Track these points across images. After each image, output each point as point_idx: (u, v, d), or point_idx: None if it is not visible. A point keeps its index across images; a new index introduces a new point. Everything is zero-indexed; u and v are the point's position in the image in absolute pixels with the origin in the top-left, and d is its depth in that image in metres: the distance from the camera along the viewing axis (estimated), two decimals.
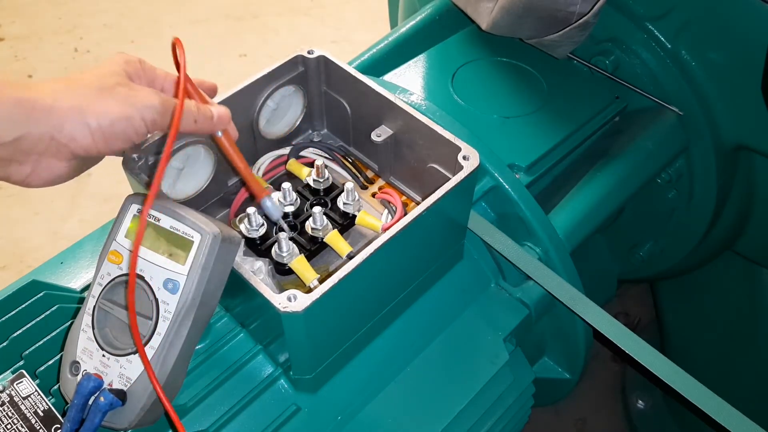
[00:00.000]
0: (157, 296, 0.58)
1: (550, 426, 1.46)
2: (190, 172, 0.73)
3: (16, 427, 0.57)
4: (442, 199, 0.64)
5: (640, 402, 1.45)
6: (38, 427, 0.57)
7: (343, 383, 0.71)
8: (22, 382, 0.59)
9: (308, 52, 0.77)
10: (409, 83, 0.96)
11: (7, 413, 0.58)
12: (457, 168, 0.67)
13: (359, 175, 0.81)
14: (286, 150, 0.81)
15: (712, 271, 1.22)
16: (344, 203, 0.74)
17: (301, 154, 0.81)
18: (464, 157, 0.68)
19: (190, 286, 0.57)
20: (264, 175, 0.79)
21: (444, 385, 0.74)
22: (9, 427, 0.57)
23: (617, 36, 1.00)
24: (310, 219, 0.72)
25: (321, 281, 0.59)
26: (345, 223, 0.74)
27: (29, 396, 0.59)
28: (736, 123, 0.97)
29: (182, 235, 0.58)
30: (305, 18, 2.53)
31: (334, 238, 0.72)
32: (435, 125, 0.71)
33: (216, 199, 0.79)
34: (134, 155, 0.66)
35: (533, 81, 1.00)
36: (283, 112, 0.81)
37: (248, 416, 0.67)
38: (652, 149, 0.98)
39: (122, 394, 0.57)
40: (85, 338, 0.59)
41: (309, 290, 0.58)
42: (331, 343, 0.67)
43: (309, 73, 0.79)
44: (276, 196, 0.75)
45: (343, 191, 0.75)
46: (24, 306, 0.68)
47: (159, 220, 0.59)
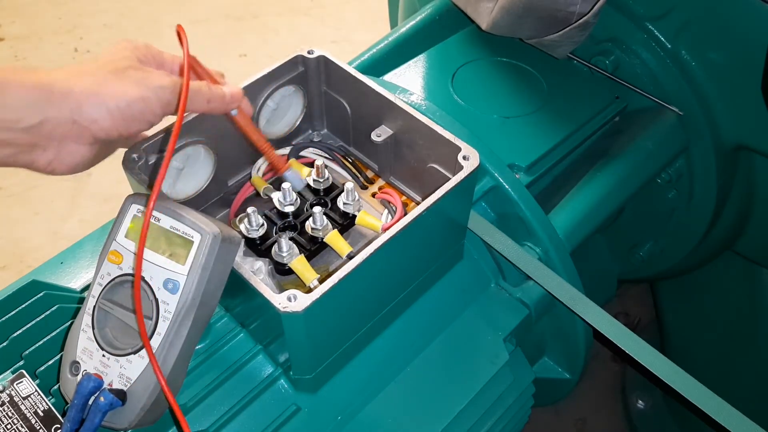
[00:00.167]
0: (157, 296, 0.57)
1: (550, 426, 1.46)
2: (190, 172, 0.73)
3: (16, 427, 0.57)
4: (442, 199, 0.64)
5: (640, 402, 1.45)
6: (38, 427, 0.57)
7: (343, 383, 0.71)
8: (22, 382, 0.59)
9: (308, 52, 0.77)
10: (409, 83, 0.96)
11: (7, 413, 0.58)
12: (457, 168, 0.68)
13: (359, 175, 0.81)
14: (286, 150, 0.81)
15: (712, 271, 1.22)
16: (344, 203, 0.74)
17: (301, 154, 0.81)
18: (464, 157, 0.68)
19: (190, 286, 0.57)
20: (264, 175, 0.79)
21: (444, 385, 0.74)
22: (9, 427, 0.57)
23: (617, 36, 1.00)
24: (310, 219, 0.72)
25: (321, 281, 0.59)
26: (345, 223, 0.74)
27: (29, 396, 0.59)
28: (736, 123, 0.97)
29: (182, 235, 0.58)
30: (305, 18, 2.53)
31: (334, 238, 0.72)
32: (435, 125, 0.71)
33: (216, 199, 0.79)
34: (134, 155, 0.66)
35: (533, 81, 1.00)
36: (283, 112, 0.81)
37: (248, 416, 0.67)
38: (652, 149, 0.98)
39: (122, 394, 0.57)
40: (85, 338, 0.59)
41: (309, 290, 0.58)
42: (331, 343, 0.67)
43: (309, 73, 0.79)
44: (276, 196, 0.75)
45: (343, 191, 0.75)
46: (24, 306, 0.68)
47: (159, 220, 0.59)
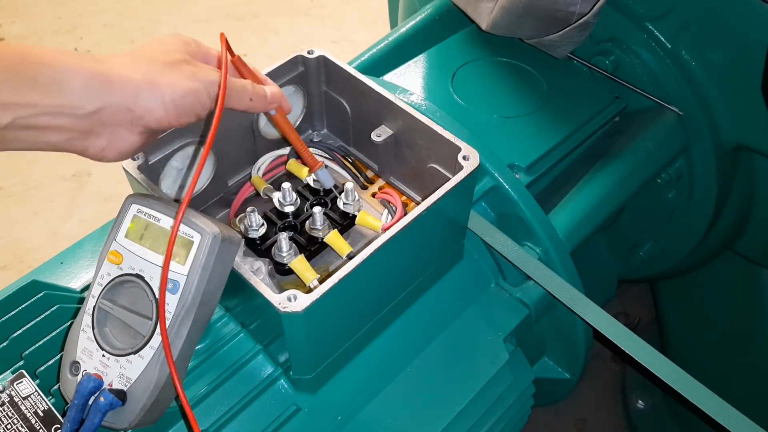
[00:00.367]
0: (157, 296, 0.57)
1: (550, 426, 1.46)
2: (190, 172, 0.73)
3: (16, 427, 0.57)
4: (442, 199, 0.64)
5: (640, 402, 1.45)
6: (38, 427, 0.57)
7: (343, 383, 0.71)
8: (22, 382, 0.59)
9: (308, 52, 0.78)
10: (409, 83, 0.96)
11: (7, 413, 0.58)
12: (457, 168, 0.68)
13: (359, 175, 0.81)
14: (286, 150, 0.81)
15: (712, 271, 1.22)
16: (344, 203, 0.74)
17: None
18: (464, 157, 0.68)
19: (190, 286, 0.57)
20: (264, 175, 0.79)
21: (444, 385, 0.74)
22: (9, 427, 0.57)
23: (617, 36, 1.00)
24: (310, 219, 0.72)
25: (321, 281, 0.59)
26: (345, 223, 0.74)
27: (29, 396, 0.59)
28: (736, 123, 0.97)
29: (182, 235, 0.58)
30: (305, 18, 2.53)
31: (334, 238, 0.72)
32: (435, 125, 0.71)
33: (216, 199, 0.79)
34: (134, 155, 0.66)
35: (533, 81, 1.00)
36: None
37: (248, 416, 0.67)
38: (652, 149, 0.98)
39: (122, 394, 0.57)
40: (85, 338, 0.59)
41: (309, 290, 0.58)
42: (331, 343, 0.67)
43: (309, 73, 0.79)
44: (276, 196, 0.75)
45: (343, 191, 0.75)
46: (24, 306, 0.68)
47: (159, 221, 0.59)
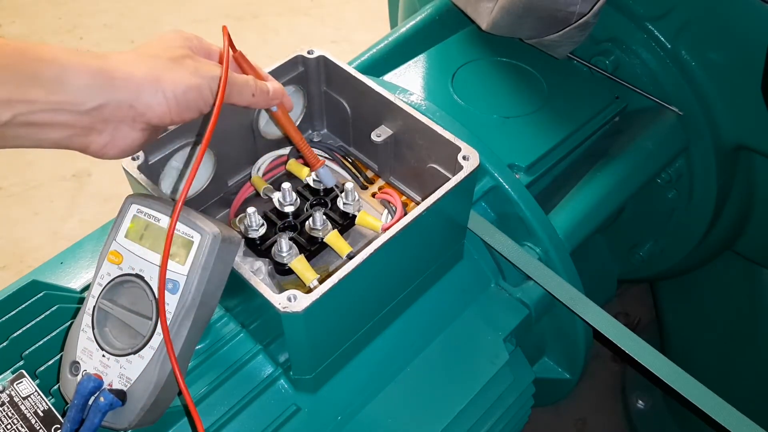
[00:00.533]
0: (157, 296, 0.57)
1: (550, 426, 1.46)
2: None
3: (16, 427, 0.57)
4: (442, 199, 0.64)
5: (640, 402, 1.45)
6: (38, 427, 0.57)
7: (343, 383, 0.71)
8: (22, 382, 0.59)
9: (308, 52, 0.77)
10: (409, 83, 0.96)
11: (7, 413, 0.58)
12: (457, 168, 0.68)
13: (359, 175, 0.81)
14: (286, 150, 0.81)
15: (712, 271, 1.22)
16: (344, 203, 0.74)
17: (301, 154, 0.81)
18: (464, 157, 0.68)
19: (190, 286, 0.57)
20: (264, 175, 0.79)
21: (444, 385, 0.74)
22: (9, 427, 0.57)
23: (617, 36, 1.00)
24: (310, 219, 0.72)
25: (321, 281, 0.59)
26: (345, 223, 0.74)
27: (29, 396, 0.59)
28: (736, 123, 0.97)
29: (182, 235, 0.58)
30: (305, 18, 2.53)
31: (334, 238, 0.72)
32: (435, 125, 0.71)
33: (216, 199, 0.79)
34: (134, 155, 0.66)
35: (533, 81, 1.00)
36: None
37: (248, 416, 0.67)
38: (652, 149, 0.98)
39: (122, 394, 0.57)
40: (85, 338, 0.59)
41: (309, 290, 0.58)
42: (331, 343, 0.67)
43: (309, 73, 0.79)
44: (276, 196, 0.75)
45: (343, 191, 0.75)
46: (24, 306, 0.68)
47: (159, 221, 0.59)
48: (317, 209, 0.73)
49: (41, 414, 0.58)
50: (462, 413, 0.73)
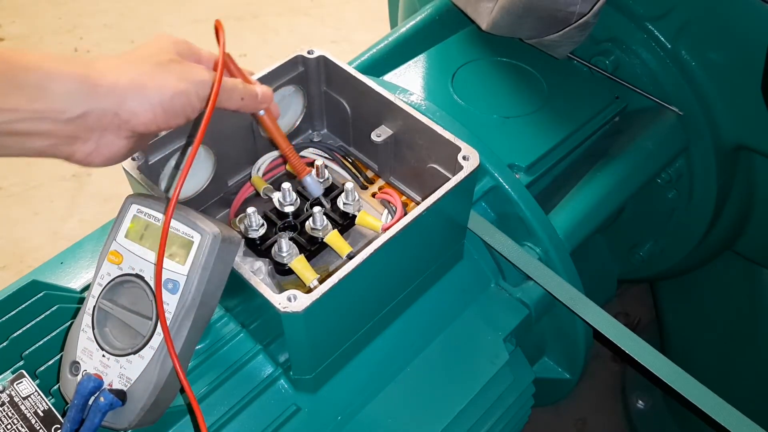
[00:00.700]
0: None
1: (550, 426, 1.46)
2: (190, 172, 0.73)
3: (16, 427, 0.57)
4: (442, 199, 0.64)
5: (640, 402, 1.45)
6: (38, 427, 0.57)
7: (343, 383, 0.71)
8: (22, 382, 0.59)
9: (308, 52, 0.77)
10: (409, 83, 0.96)
11: (7, 413, 0.58)
12: (457, 168, 0.67)
13: (359, 175, 0.81)
14: None
15: (712, 271, 1.22)
16: (344, 203, 0.74)
17: (301, 154, 0.81)
18: (464, 157, 0.68)
19: (190, 286, 0.57)
20: (264, 175, 0.79)
21: (444, 385, 0.74)
22: (9, 427, 0.57)
23: (617, 36, 1.00)
24: (310, 219, 0.72)
25: (321, 281, 0.59)
26: (345, 223, 0.74)
27: (29, 396, 0.59)
28: (736, 123, 0.97)
29: (182, 235, 0.58)
30: (305, 18, 2.53)
31: (334, 238, 0.72)
32: (435, 125, 0.71)
33: (216, 199, 0.79)
34: (134, 155, 0.66)
35: (533, 81, 1.00)
36: (283, 112, 0.81)
37: (248, 416, 0.67)
38: (652, 149, 0.98)
39: (122, 394, 0.57)
40: (85, 338, 0.59)
41: (309, 290, 0.58)
42: (331, 343, 0.67)
43: (309, 73, 0.79)
44: (276, 196, 0.75)
45: (343, 191, 0.75)
46: (24, 306, 0.68)
47: (159, 220, 0.59)
48: (317, 209, 0.73)
49: (41, 414, 0.58)
50: (462, 413, 0.73)
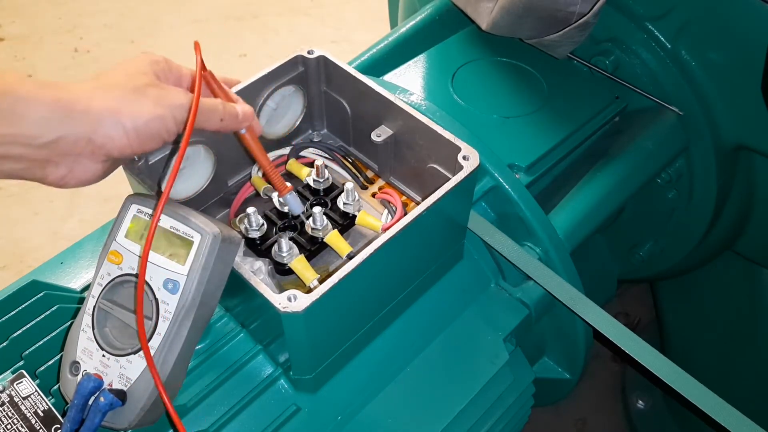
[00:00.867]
0: (157, 296, 0.58)
1: (550, 426, 1.46)
2: (190, 172, 0.73)
3: (16, 427, 0.57)
4: (442, 199, 0.64)
5: (640, 402, 1.45)
6: (38, 427, 0.57)
7: (343, 383, 0.71)
8: (22, 382, 0.59)
9: (308, 52, 0.77)
10: (409, 83, 0.96)
11: (7, 413, 0.58)
12: (457, 168, 0.67)
13: (359, 175, 0.81)
14: (286, 150, 0.81)
15: (712, 271, 1.22)
16: (344, 203, 0.74)
17: (301, 154, 0.81)
18: (464, 157, 0.68)
19: (190, 286, 0.57)
20: (264, 175, 0.79)
21: (444, 385, 0.74)
22: (9, 427, 0.57)
23: (617, 36, 1.00)
24: (310, 219, 0.72)
25: (321, 281, 0.59)
26: (345, 223, 0.74)
27: (29, 396, 0.59)
28: (736, 123, 0.97)
29: (182, 236, 0.58)
30: (305, 18, 2.53)
31: (334, 238, 0.72)
32: (435, 125, 0.71)
33: (216, 199, 0.79)
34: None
35: (533, 81, 1.00)
36: (283, 112, 0.81)
37: (248, 416, 0.67)
38: (652, 149, 0.98)
39: (122, 394, 0.57)
40: (85, 338, 0.59)
41: (309, 290, 0.58)
42: (331, 343, 0.67)
43: (309, 73, 0.79)
44: (276, 196, 0.75)
45: (343, 191, 0.75)
46: (24, 306, 0.68)
47: (159, 221, 0.59)
48: (317, 209, 0.73)
49: (41, 414, 0.58)
50: (462, 413, 0.73)
